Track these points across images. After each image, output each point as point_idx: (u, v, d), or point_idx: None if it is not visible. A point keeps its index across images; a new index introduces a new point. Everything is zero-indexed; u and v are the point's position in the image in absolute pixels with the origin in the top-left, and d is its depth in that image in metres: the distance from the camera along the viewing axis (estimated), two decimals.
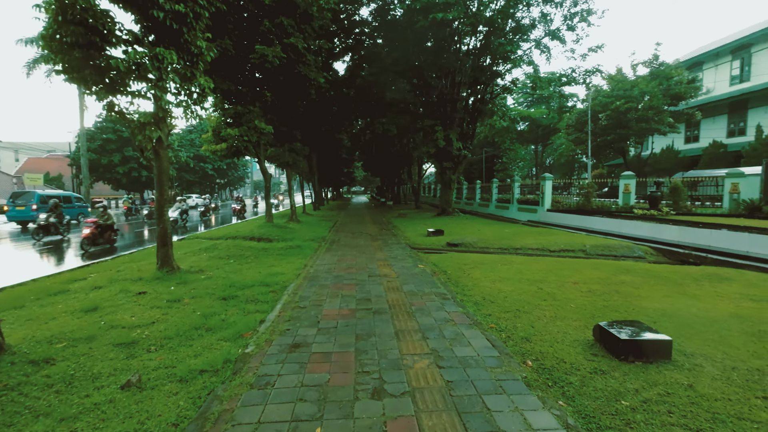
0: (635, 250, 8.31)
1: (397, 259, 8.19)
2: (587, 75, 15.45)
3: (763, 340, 3.64)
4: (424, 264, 7.56)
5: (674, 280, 5.86)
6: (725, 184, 11.98)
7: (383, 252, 9.12)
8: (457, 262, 7.59)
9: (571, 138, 26.68)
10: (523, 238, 10.43)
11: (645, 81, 21.53)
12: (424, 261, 7.93)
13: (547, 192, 14.85)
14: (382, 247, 9.87)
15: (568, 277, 6.10)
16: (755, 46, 26.25)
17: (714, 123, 28.28)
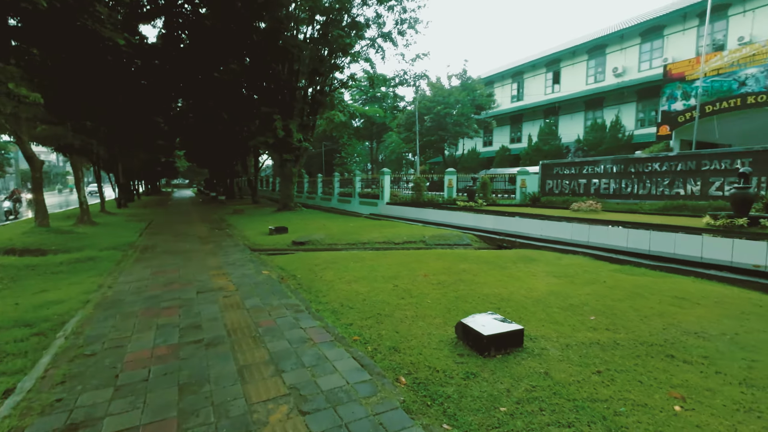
0: (464, 239, 9.30)
1: (235, 265, 6.93)
2: (416, 79, 16.98)
3: (575, 314, 4.26)
4: (270, 269, 6.60)
5: (499, 264, 6.64)
6: (517, 180, 14.89)
7: (217, 258, 7.66)
8: (307, 263, 6.90)
9: (402, 136, 29.23)
10: (368, 232, 10.50)
11: (458, 91, 25.29)
12: (269, 265, 6.95)
13: (386, 186, 15.58)
14: (216, 252, 8.32)
15: (418, 269, 6.21)
16: (526, 73, 34.06)
17: (502, 131, 35.57)
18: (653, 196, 11.24)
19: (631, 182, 11.78)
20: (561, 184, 13.80)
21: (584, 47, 29.01)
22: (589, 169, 12.89)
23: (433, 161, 40.64)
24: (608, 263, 6.50)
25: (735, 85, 15.42)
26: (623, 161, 11.95)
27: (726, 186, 9.75)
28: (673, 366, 3.12)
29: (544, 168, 14.30)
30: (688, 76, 17.01)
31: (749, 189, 6.76)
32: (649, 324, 3.98)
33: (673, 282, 5.27)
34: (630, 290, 5.03)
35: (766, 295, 4.73)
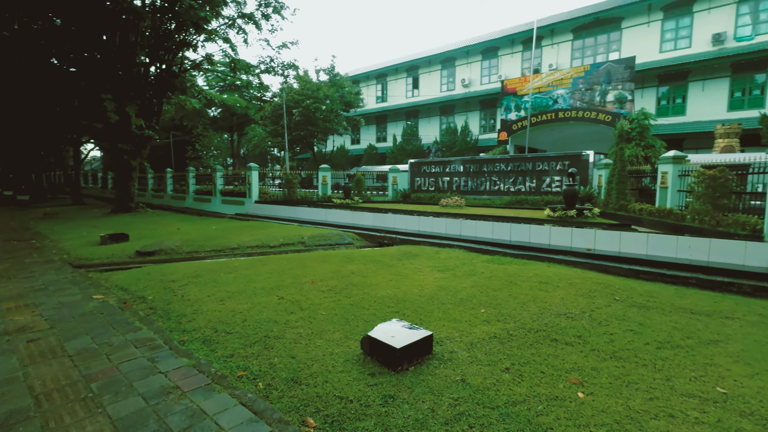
0: (345, 238, 8.99)
1: (47, 290, 5.07)
2: (285, 68, 15.86)
3: (467, 308, 4.35)
4: (105, 291, 5.03)
5: (386, 263, 6.53)
6: (389, 177, 15.39)
7: (16, 282, 5.52)
8: (161, 278, 5.53)
9: (268, 129, 27.30)
10: (237, 235, 9.25)
11: (327, 86, 24.90)
12: (104, 286, 5.31)
13: (254, 182, 14.17)
14: (14, 274, 6.02)
15: (303, 276, 5.59)
16: (389, 76, 35.94)
17: (369, 130, 36.82)
18: (502, 192, 12.98)
19: (485, 180, 13.38)
20: (428, 182, 14.82)
21: (438, 58, 32.15)
22: (451, 168, 14.16)
23: (302, 157, 39.48)
24: (480, 254, 7.06)
25: (550, 102, 19.14)
26: (478, 162, 13.49)
27: (554, 183, 11.89)
28: (560, 349, 3.36)
29: (412, 166, 15.14)
30: (519, 91, 20.39)
31: (576, 186, 8.26)
32: (527, 310, 4.31)
33: (535, 268, 5.97)
34: (504, 279, 5.47)
35: (600, 273, 5.75)
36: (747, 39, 19.95)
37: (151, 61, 15.20)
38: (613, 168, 9.48)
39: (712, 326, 3.91)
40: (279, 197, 14.51)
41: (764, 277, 4.84)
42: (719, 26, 20.62)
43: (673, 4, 21.89)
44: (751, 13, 19.95)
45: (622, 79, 17.25)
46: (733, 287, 4.84)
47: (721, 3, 20.59)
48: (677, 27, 21.98)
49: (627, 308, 4.41)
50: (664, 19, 22.30)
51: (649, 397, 2.62)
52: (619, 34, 23.77)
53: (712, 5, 20.82)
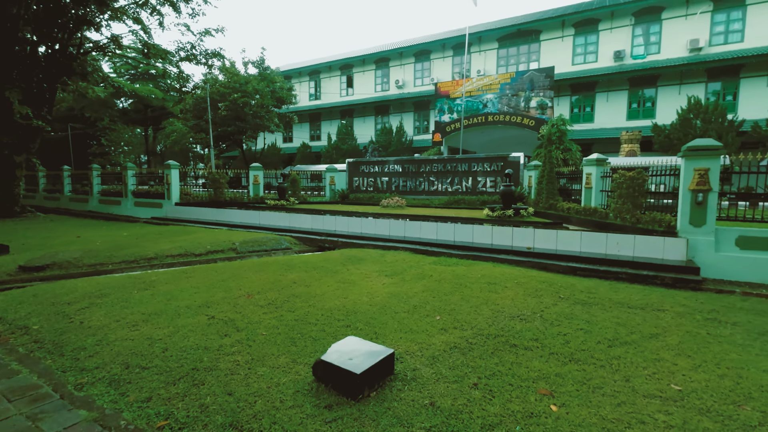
0: (282, 242, 8.34)
1: None
2: (209, 56, 14.41)
3: (421, 316, 4.12)
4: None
5: (330, 269, 6.09)
6: (326, 177, 14.83)
7: None
8: (52, 300, 4.49)
9: (190, 124, 24.91)
10: (154, 243, 8.11)
11: (257, 80, 23.38)
12: None
13: (174, 182, 12.68)
14: None
15: (237, 288, 4.93)
16: (322, 73, 35.09)
17: (302, 128, 35.59)
18: (439, 192, 13.17)
19: (423, 181, 13.47)
20: (367, 182, 14.55)
21: (372, 57, 32.11)
22: (389, 168, 14.04)
23: (229, 155, 36.93)
24: (426, 256, 6.93)
25: (480, 105, 20.04)
26: (416, 162, 13.54)
27: (488, 184, 12.32)
28: (521, 356, 3.25)
29: (350, 166, 14.75)
30: (451, 94, 21.04)
31: (512, 186, 8.54)
32: (481, 314, 4.20)
33: (481, 269, 5.96)
34: (454, 281, 5.36)
35: (542, 272, 5.91)
36: (641, 57, 22.81)
37: (41, 39, 12.88)
38: (543, 169, 10.05)
39: (648, 320, 4.13)
40: (204, 198, 13.18)
41: (681, 269, 5.31)
42: (619, 45, 23.31)
43: (582, 22, 24.27)
44: (643, 35, 22.84)
45: (543, 87, 18.64)
46: (657, 280, 5.24)
47: (621, 24, 23.29)
48: (586, 43, 24.41)
49: (572, 306, 4.51)
50: (575, 35, 24.62)
51: (617, 402, 2.57)
52: (538, 46, 25.76)
53: (613, 25, 23.46)
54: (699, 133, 18.52)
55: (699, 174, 5.52)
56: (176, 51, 13.92)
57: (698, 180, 5.54)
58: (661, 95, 22.24)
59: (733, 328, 3.98)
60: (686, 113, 19.05)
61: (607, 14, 23.53)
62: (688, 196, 5.67)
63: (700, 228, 5.61)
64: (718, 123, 18.34)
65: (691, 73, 21.45)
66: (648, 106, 22.65)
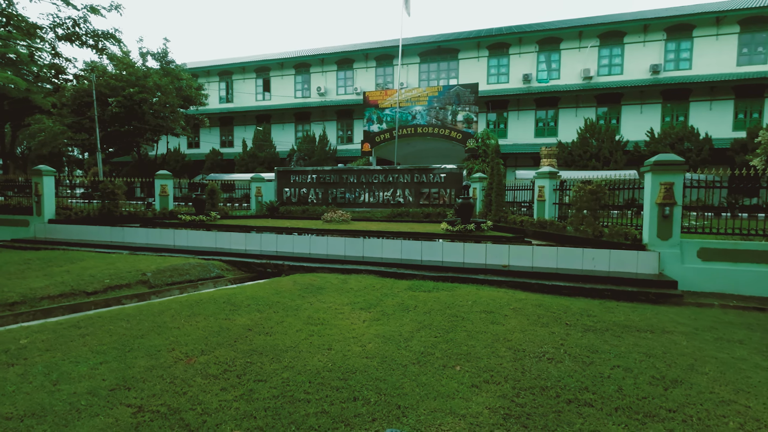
0: (211, 269, 6.69)
1: None
2: (100, 37, 11.58)
3: (434, 365, 3.22)
4: None
5: (288, 305, 4.83)
6: (252, 188, 13.05)
7: None
8: None
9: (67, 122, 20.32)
10: (19, 278, 5.83)
11: (158, 74, 20.12)
12: None
13: (47, 194, 9.78)
14: None
15: (167, 348, 3.44)
16: (235, 74, 32.21)
17: (211, 133, 32.10)
18: (381, 204, 12.43)
19: (363, 192, 12.60)
20: (299, 193, 13.16)
21: (291, 62, 30.48)
22: (325, 178, 12.88)
23: (119, 161, 31.62)
24: (396, 279, 6.05)
25: (410, 117, 20.01)
26: (355, 172, 12.63)
27: (432, 196, 11.95)
28: (590, 418, 2.57)
29: (280, 175, 13.22)
30: (380, 104, 20.67)
31: (471, 199, 8.16)
32: (502, 356, 3.48)
33: (466, 294, 5.28)
34: (445, 312, 4.58)
35: (528, 293, 5.45)
36: (545, 81, 25.29)
37: None
38: (490, 182, 9.96)
39: (667, 345, 3.82)
40: (92, 213, 10.45)
41: (662, 284, 5.29)
42: (527, 69, 25.56)
43: (495, 45, 26.13)
44: (546, 62, 25.40)
45: (469, 101, 19.33)
46: (641, 296, 5.12)
47: (527, 50, 25.59)
48: (499, 65, 26.30)
49: (585, 335, 4.05)
50: (489, 57, 26.37)
51: None
52: (456, 64, 27.01)
53: (522, 51, 25.68)
54: (595, 151, 20.99)
55: (665, 188, 5.63)
56: (51, 26, 10.90)
57: (664, 194, 5.64)
58: (562, 116, 24.86)
59: (744, 348, 3.87)
60: (584, 133, 21.46)
61: (515, 40, 25.68)
62: (656, 210, 5.75)
63: (667, 241, 5.72)
64: (609, 142, 20.99)
65: (584, 98, 24.38)
66: (551, 125, 25.12)
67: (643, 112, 23.46)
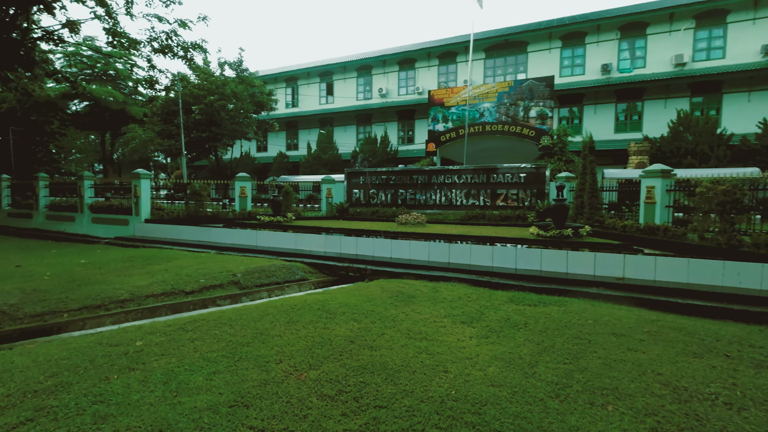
0: (295, 271, 6.65)
1: None
2: (189, 48, 12.45)
3: (578, 402, 2.67)
4: None
5: (382, 315, 4.53)
6: (323, 189, 13.18)
7: None
8: None
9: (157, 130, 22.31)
10: (125, 275, 6.18)
11: (234, 82, 21.35)
12: None
13: (144, 195, 10.58)
14: None
15: (276, 360, 3.26)
16: (300, 79, 33.40)
17: (277, 137, 33.56)
18: (454, 207, 11.87)
19: (435, 193, 12.14)
20: (368, 194, 13.03)
21: (354, 65, 30.86)
22: (396, 179, 12.61)
23: (197, 165, 34.15)
24: (492, 290, 5.52)
25: (477, 114, 19.16)
26: (427, 173, 12.20)
27: (510, 197, 11.17)
28: None
29: (350, 177, 13.20)
30: (446, 102, 20.05)
31: (565, 201, 7.35)
32: (661, 397, 2.84)
33: (581, 309, 4.62)
34: (565, 332, 3.98)
35: (653, 311, 4.64)
36: (627, 71, 22.96)
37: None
38: (581, 181, 9.00)
39: None
40: (180, 214, 11.14)
41: None
42: (606, 58, 23.40)
43: (569, 35, 24.27)
44: (629, 50, 23.06)
45: (543, 96, 18.04)
46: None
47: (607, 38, 23.42)
48: (573, 55, 24.39)
49: (759, 372, 3.24)
50: (562, 48, 24.56)
51: None
52: (525, 57, 25.52)
53: (600, 39, 23.57)
54: (691, 147, 18.56)
55: None
56: (148, 41, 11.91)
57: None
58: (648, 108, 22.40)
59: None
60: (676, 126, 19.10)
61: (593, 28, 23.63)
62: None
63: None
64: (709, 136, 18.45)
65: (675, 88, 21.73)
66: (635, 119, 22.74)
67: (752, 100, 20.35)
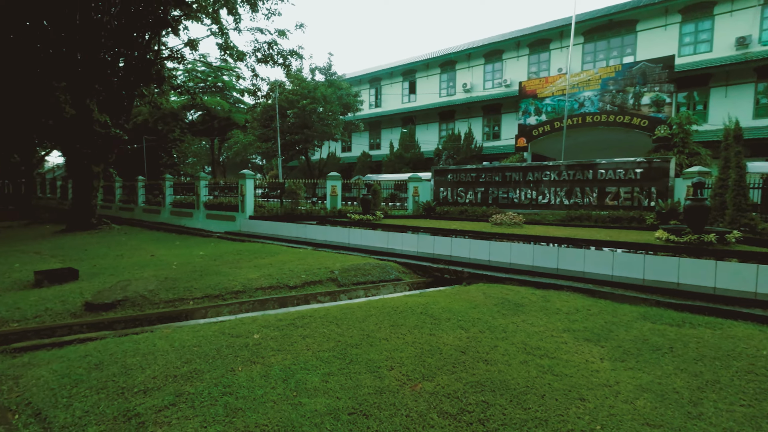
0: (389, 270, 6.58)
1: None
2: (287, 55, 13.37)
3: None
4: None
5: (487, 323, 4.15)
6: (409, 188, 13.08)
7: None
8: (120, 385, 2.95)
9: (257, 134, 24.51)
10: (237, 268, 6.68)
11: (324, 86, 22.46)
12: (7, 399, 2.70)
13: (248, 194, 11.55)
14: None
15: (387, 366, 3.13)
16: (383, 80, 33.91)
17: (360, 137, 34.54)
18: (553, 206, 10.87)
19: (531, 192, 11.25)
20: (455, 193, 12.59)
21: (437, 61, 30.37)
22: (486, 176, 11.98)
23: (289, 166, 36.73)
24: (614, 303, 4.80)
25: (576, 105, 17.40)
26: (521, 170, 11.37)
27: (622, 196, 9.86)
28: None
29: (437, 175, 12.89)
30: (539, 93, 18.59)
31: (706, 200, 6.16)
32: None
33: (744, 335, 3.73)
34: (729, 365, 3.21)
35: None
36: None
37: (120, 45, 12.44)
38: (722, 177, 7.50)
39: None
40: (278, 211, 11.92)
41: None
42: (742, 29, 19.58)
43: (692, 7, 20.82)
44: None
45: (659, 79, 15.69)
46: None
47: (744, 5, 19.59)
48: (696, 30, 20.89)
49: None
50: (682, 22, 21.18)
51: None
52: (633, 38, 22.57)
53: (734, 8, 19.81)
54: None
55: None
56: (252, 52, 13.06)
57: None
58: None
59: None
60: None
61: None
62: None
63: None
64: None
65: None
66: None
67: None
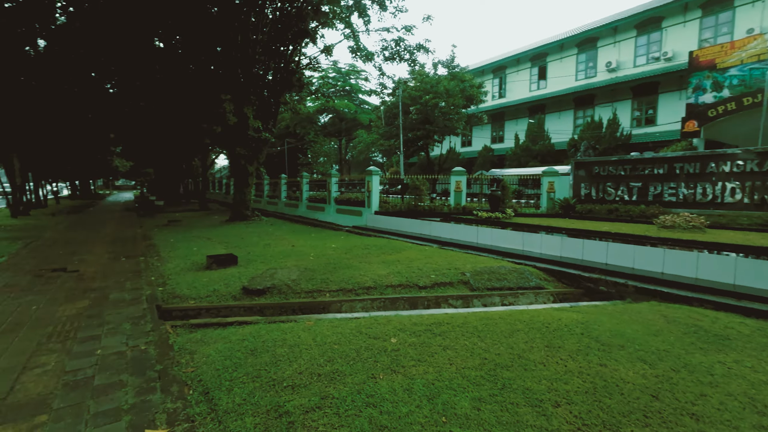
0: (528, 276, 5.81)
1: (86, 387, 2.95)
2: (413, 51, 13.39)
3: None
4: (173, 405, 2.69)
5: (686, 362, 3.16)
6: (543, 183, 11.74)
7: (61, 353, 3.61)
8: (271, 376, 3.05)
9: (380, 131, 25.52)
10: (366, 262, 6.76)
11: (446, 80, 22.04)
12: (178, 379, 3.03)
13: (374, 190, 11.88)
14: (79, 324, 4.24)
15: (547, 398, 2.57)
16: (508, 68, 31.67)
17: (482, 130, 32.95)
18: (742, 206, 8.39)
19: (708, 187, 8.90)
20: (602, 189, 10.77)
21: (573, 40, 26.93)
22: (645, 168, 9.93)
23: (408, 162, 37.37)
24: None
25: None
26: (701, 158, 9.05)
27: None
28: None
29: (578, 167, 11.23)
30: (719, 63, 14.77)
31: None
32: None
33: None
34: None
35: None
36: None
37: (268, 58, 14.09)
38: None
39: None
40: (401, 207, 11.97)
41: None
42: None
43: None
44: None
45: None
46: None
47: None
48: None
49: None
50: None
51: None
52: None
53: None
54: None
55: None
56: (380, 51, 13.45)
57: None
58: None
59: None
60: None
61: None
62: None
63: None
64: None
65: None
66: None
67: None
